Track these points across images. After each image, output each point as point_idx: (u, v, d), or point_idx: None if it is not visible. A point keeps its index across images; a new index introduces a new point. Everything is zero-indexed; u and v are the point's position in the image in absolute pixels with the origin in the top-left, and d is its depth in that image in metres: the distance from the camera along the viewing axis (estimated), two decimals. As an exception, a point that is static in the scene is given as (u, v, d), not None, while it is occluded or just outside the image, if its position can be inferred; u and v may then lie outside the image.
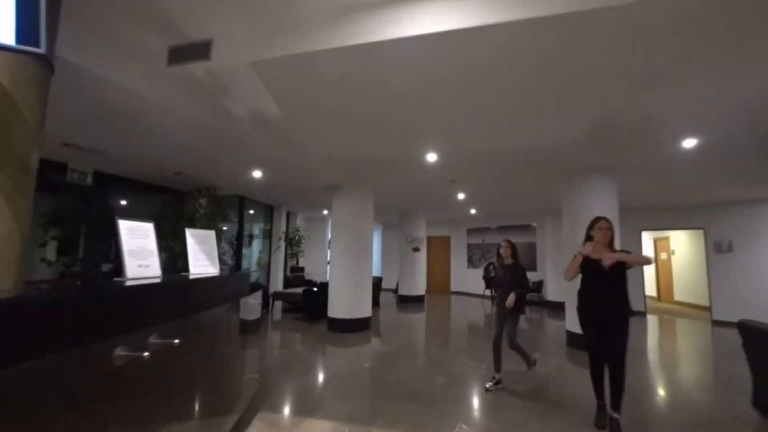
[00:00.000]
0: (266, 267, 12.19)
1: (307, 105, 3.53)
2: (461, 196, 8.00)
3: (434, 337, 6.48)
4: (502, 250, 4.19)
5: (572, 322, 5.52)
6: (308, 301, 7.57)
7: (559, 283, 9.71)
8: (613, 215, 5.35)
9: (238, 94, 3.48)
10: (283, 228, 11.77)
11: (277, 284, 11.37)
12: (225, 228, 7.55)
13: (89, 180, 5.66)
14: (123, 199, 6.67)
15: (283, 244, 11.46)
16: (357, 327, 6.39)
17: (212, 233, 2.55)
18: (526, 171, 5.74)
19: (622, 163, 5.15)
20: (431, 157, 4.98)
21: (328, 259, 11.32)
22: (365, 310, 6.58)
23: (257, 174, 5.83)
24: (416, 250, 10.69)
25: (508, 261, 4.15)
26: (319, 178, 6.25)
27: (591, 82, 2.98)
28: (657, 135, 4.17)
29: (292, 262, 12.03)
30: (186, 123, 3.79)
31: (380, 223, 15.18)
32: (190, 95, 3.38)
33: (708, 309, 8.09)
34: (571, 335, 5.55)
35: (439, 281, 13.96)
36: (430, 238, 14.06)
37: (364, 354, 5.30)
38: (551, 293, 9.95)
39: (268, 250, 11.96)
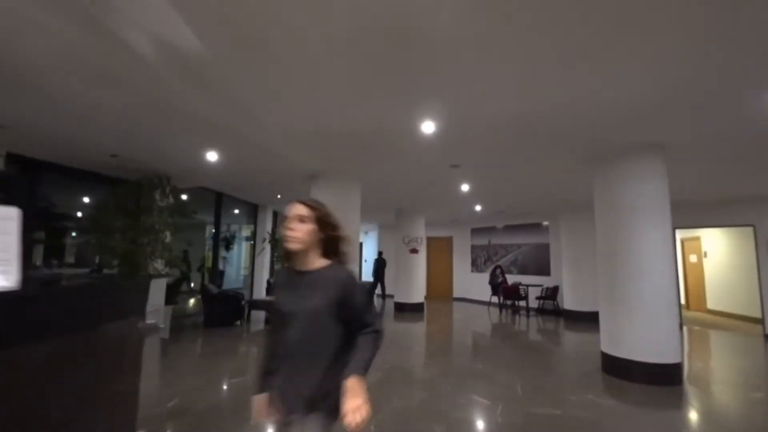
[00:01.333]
0: (250, 271, 11.08)
1: (244, 42, 2.39)
2: (465, 187, 6.82)
3: (433, 358, 5.27)
4: None
5: (611, 342, 4.31)
6: (285, 312, 6.40)
7: (579, 290, 8.50)
8: (662, 206, 4.17)
9: (138, 23, 2.33)
10: (269, 228, 10.69)
11: (261, 291, 10.24)
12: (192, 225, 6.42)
13: (0, 164, 4.56)
14: (58, 189, 5.53)
15: (268, 247, 10.35)
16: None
17: (14, 212, 1.39)
18: (547, 150, 4.56)
19: (684, 136, 3.95)
20: (427, 127, 3.81)
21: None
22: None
23: (212, 156, 4.68)
24: (414, 251, 9.49)
25: None
26: (291, 164, 5.09)
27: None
28: (740, 97, 3.01)
29: (278, 266, 10.88)
30: (86, 71, 2.67)
31: (377, 224, 14.01)
32: (71, 23, 2.23)
33: (759, 321, 6.85)
34: (609, 359, 4.33)
35: (440, 287, 12.75)
36: (430, 239, 12.88)
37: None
38: (569, 301, 8.73)
39: (252, 253, 10.85)
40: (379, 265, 14.94)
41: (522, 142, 4.31)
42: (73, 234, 5.83)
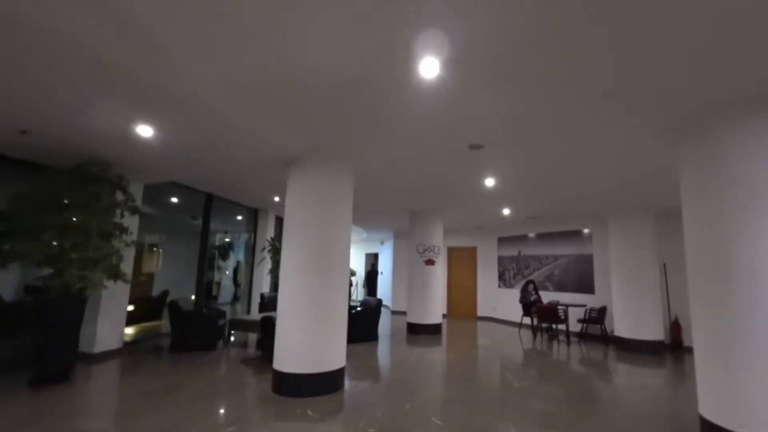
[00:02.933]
0: (247, 285, 10.00)
1: None
2: (489, 182, 5.45)
3: (451, 409, 3.86)
4: None
5: (717, 405, 2.79)
6: (265, 334, 5.18)
7: (635, 313, 6.87)
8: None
9: None
10: (271, 235, 9.64)
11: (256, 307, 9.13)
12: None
13: None
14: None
15: (267, 257, 9.27)
16: (321, 386, 3.90)
17: None
18: (614, 113, 3.18)
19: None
20: (430, 71, 2.54)
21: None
22: (334, 358, 4.09)
23: (146, 131, 3.55)
24: (430, 263, 8.11)
25: None
26: (259, 144, 3.92)
27: None
28: None
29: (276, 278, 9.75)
30: None
31: (392, 233, 12.71)
32: None
33: None
34: (711, 427, 2.81)
35: (463, 304, 11.24)
36: (451, 250, 11.45)
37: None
38: (621, 326, 7.08)
39: (251, 263, 9.78)
40: (370, 276, 14.30)
41: (578, 104, 2.95)
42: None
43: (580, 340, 7.68)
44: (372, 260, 16.13)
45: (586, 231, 8.71)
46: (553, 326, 7.96)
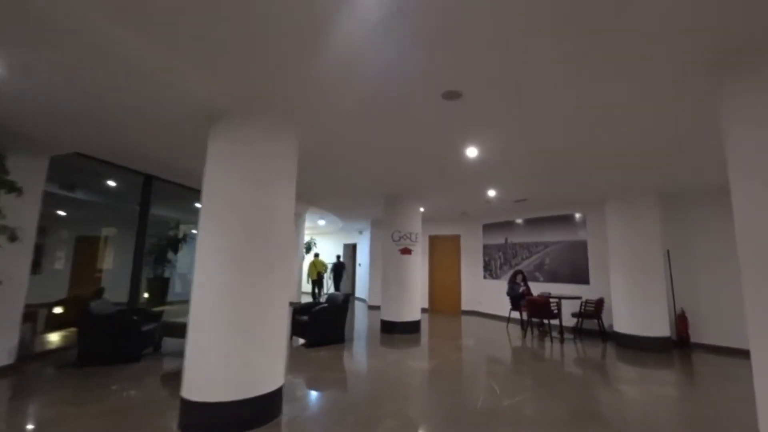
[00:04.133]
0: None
1: None
2: (472, 152, 4.48)
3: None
4: None
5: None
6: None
7: (640, 306, 6.08)
8: None
9: None
10: None
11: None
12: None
13: None
14: None
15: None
16: (249, 417, 2.89)
17: None
18: (641, 54, 2.22)
19: None
20: None
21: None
22: (268, 378, 3.07)
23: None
24: (406, 252, 7.14)
25: None
26: (171, 90, 2.85)
27: None
28: None
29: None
30: None
31: (369, 221, 11.69)
32: None
33: None
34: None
35: (446, 297, 10.36)
36: (432, 238, 10.52)
37: None
38: (621, 321, 6.27)
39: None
40: (337, 269, 13.25)
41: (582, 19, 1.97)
42: None
43: (576, 337, 6.86)
44: (350, 251, 15.12)
45: (578, 216, 7.87)
46: (545, 321, 7.12)
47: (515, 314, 7.78)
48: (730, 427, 3.08)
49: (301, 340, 5.89)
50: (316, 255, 13.45)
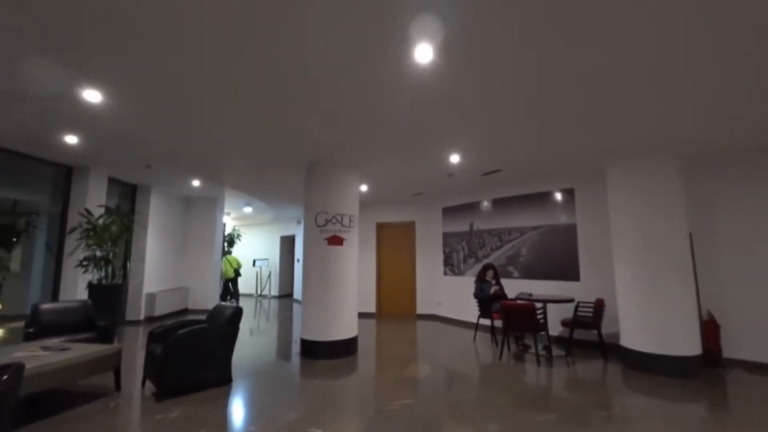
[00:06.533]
0: (51, 284, 6.28)
1: None
2: (423, 56, 2.42)
3: None
4: None
5: None
6: None
7: (656, 312, 4.36)
8: None
9: None
10: (100, 203, 6.19)
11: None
12: None
13: None
14: None
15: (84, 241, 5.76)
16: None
17: None
18: None
19: None
20: None
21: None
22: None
23: None
24: (335, 241, 5.00)
25: None
26: None
27: None
28: None
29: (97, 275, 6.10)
30: None
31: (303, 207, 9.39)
32: None
33: None
34: None
35: (397, 299, 8.37)
36: (380, 226, 8.48)
37: None
38: (630, 333, 4.53)
39: (57, 252, 6.06)
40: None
41: None
42: None
43: (568, 354, 5.08)
44: (288, 244, 12.76)
45: (559, 196, 6.12)
46: (524, 334, 5.30)
47: (487, 322, 5.92)
48: None
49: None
50: (229, 252, 11.24)
